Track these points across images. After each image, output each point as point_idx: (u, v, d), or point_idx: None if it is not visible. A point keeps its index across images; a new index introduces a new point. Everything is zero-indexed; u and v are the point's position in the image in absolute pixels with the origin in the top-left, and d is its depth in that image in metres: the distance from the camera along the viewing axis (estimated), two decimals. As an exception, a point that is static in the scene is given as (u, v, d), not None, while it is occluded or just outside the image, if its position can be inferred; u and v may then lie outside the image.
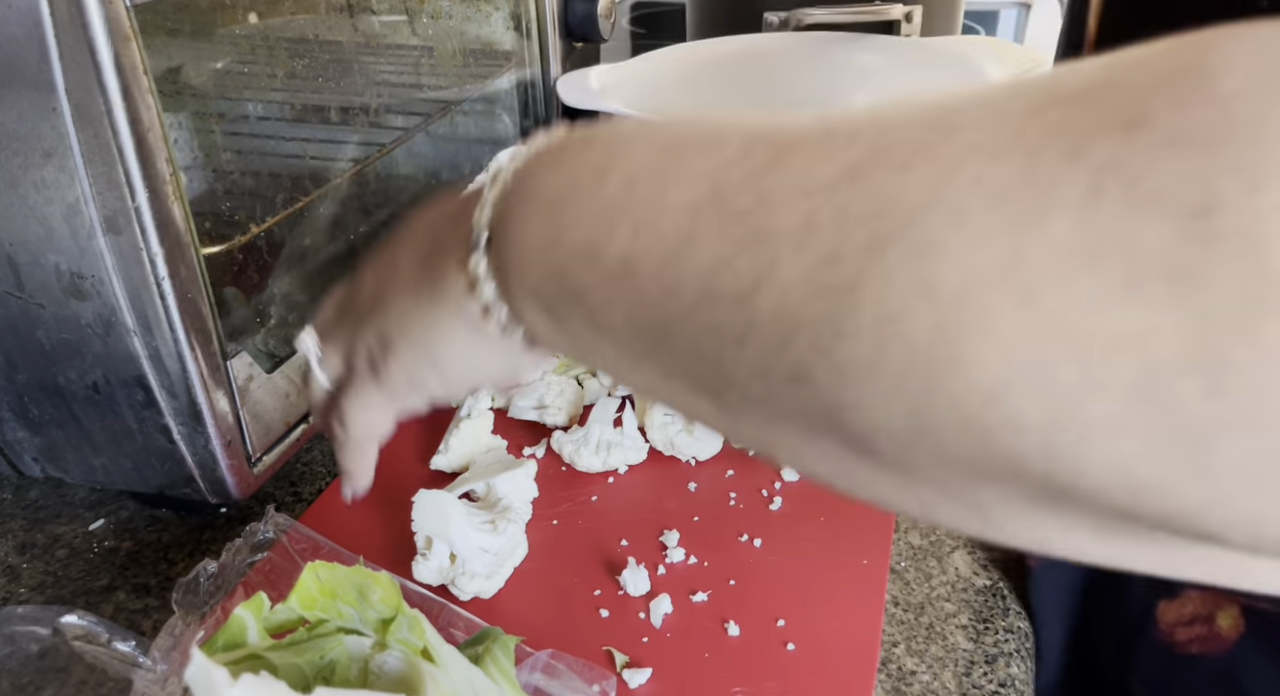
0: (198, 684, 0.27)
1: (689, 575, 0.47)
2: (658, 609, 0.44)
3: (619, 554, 0.48)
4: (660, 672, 0.41)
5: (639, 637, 0.43)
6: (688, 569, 0.47)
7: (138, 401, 0.44)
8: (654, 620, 0.44)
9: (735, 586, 0.46)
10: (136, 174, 0.38)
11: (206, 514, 0.53)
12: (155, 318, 0.41)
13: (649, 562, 0.47)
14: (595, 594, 0.46)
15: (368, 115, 0.58)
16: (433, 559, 0.45)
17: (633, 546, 0.49)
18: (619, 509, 0.51)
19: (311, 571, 0.34)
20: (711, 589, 0.46)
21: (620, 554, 0.48)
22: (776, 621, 0.44)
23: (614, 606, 0.45)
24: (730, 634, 0.43)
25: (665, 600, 0.45)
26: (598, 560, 0.48)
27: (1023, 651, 0.44)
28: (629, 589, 0.46)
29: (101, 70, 0.36)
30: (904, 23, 0.94)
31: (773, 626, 0.44)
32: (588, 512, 0.51)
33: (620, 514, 0.51)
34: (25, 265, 0.40)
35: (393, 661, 0.34)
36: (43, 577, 0.49)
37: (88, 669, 0.37)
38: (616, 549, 0.49)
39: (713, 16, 1.05)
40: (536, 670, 0.39)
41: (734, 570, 0.47)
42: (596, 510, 0.51)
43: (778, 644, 0.43)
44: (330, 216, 0.54)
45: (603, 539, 0.49)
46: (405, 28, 0.60)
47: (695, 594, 0.46)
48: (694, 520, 0.50)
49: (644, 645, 0.43)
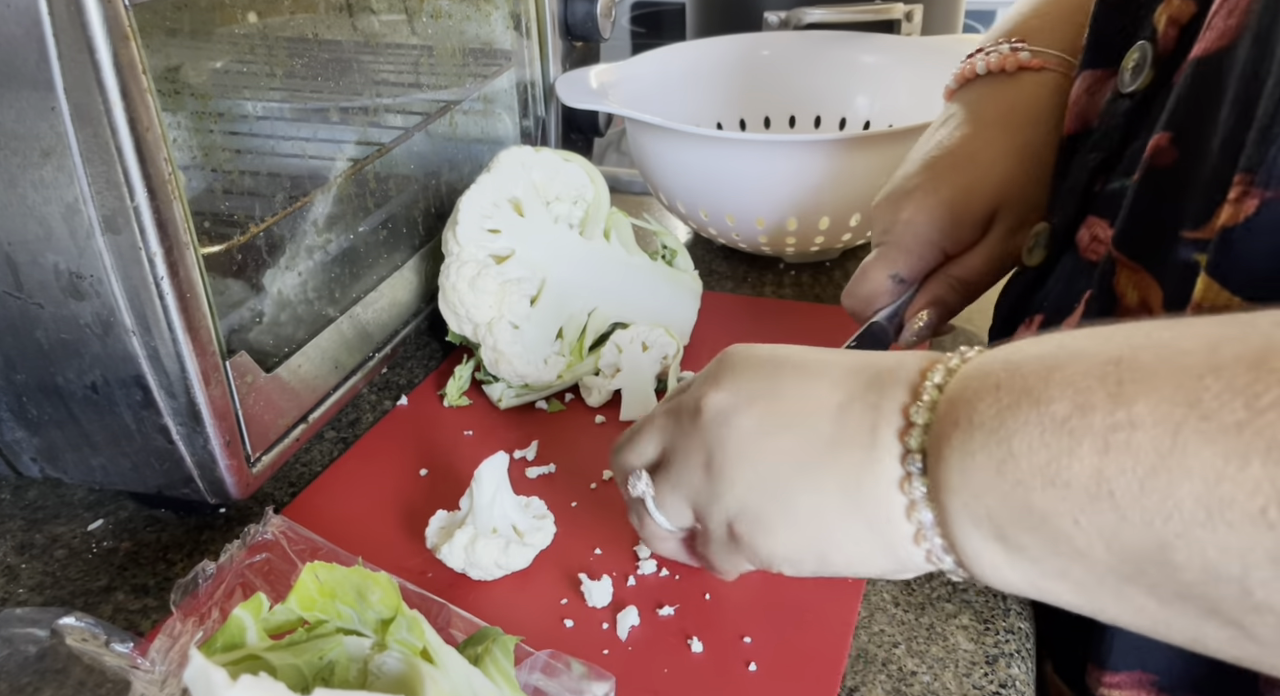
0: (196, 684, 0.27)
1: (659, 588, 0.46)
2: (624, 621, 0.43)
3: (591, 563, 0.48)
4: (619, 687, 0.40)
5: (600, 649, 0.43)
6: (659, 581, 0.46)
7: (136, 401, 0.43)
8: (620, 632, 0.43)
9: (708, 602, 0.45)
10: (135, 173, 0.38)
11: (205, 514, 0.53)
12: (154, 317, 0.41)
13: (620, 573, 0.47)
14: (562, 603, 0.45)
15: (367, 114, 0.58)
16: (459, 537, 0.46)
17: (606, 555, 0.48)
18: (596, 517, 0.51)
19: (310, 572, 0.34)
20: (680, 603, 0.45)
21: (593, 563, 0.48)
22: (742, 638, 0.43)
23: (580, 616, 0.45)
24: (694, 650, 0.42)
25: (632, 612, 0.44)
26: (569, 568, 0.47)
27: (1023, 652, 0.44)
28: (591, 601, 0.45)
29: (100, 69, 0.36)
30: (904, 22, 0.94)
31: (738, 644, 0.43)
32: (565, 519, 0.50)
33: (597, 522, 0.50)
34: (24, 265, 0.40)
35: (392, 662, 0.34)
36: (41, 578, 0.49)
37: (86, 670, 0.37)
38: (590, 557, 0.48)
39: (713, 16, 1.05)
40: (536, 670, 0.39)
41: (708, 584, 0.46)
42: (573, 516, 0.51)
43: (740, 662, 0.42)
44: (330, 216, 0.54)
45: (576, 547, 0.48)
46: (404, 27, 0.60)
47: (663, 607, 0.45)
48: None
49: (604, 657, 0.42)
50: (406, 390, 0.63)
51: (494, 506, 0.46)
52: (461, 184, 0.61)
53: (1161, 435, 0.23)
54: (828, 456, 0.33)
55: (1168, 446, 0.23)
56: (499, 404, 0.60)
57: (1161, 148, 0.37)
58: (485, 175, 0.60)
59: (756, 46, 0.89)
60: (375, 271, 0.59)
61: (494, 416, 0.60)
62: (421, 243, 0.63)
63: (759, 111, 0.89)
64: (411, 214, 0.62)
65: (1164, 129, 0.37)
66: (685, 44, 0.89)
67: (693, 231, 0.84)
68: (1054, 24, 0.54)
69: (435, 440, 0.58)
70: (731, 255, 0.80)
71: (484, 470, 0.46)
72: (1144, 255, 0.38)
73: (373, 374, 0.58)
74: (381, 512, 0.52)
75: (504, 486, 0.47)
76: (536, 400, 0.60)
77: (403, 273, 0.61)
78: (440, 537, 0.47)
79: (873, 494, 0.32)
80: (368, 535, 0.50)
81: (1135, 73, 0.42)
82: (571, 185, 0.62)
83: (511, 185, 0.60)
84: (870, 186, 0.67)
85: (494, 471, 0.46)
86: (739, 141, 0.71)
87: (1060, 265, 0.48)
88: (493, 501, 0.46)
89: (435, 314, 0.62)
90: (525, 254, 0.60)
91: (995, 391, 0.28)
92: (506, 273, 0.59)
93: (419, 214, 0.63)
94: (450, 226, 0.59)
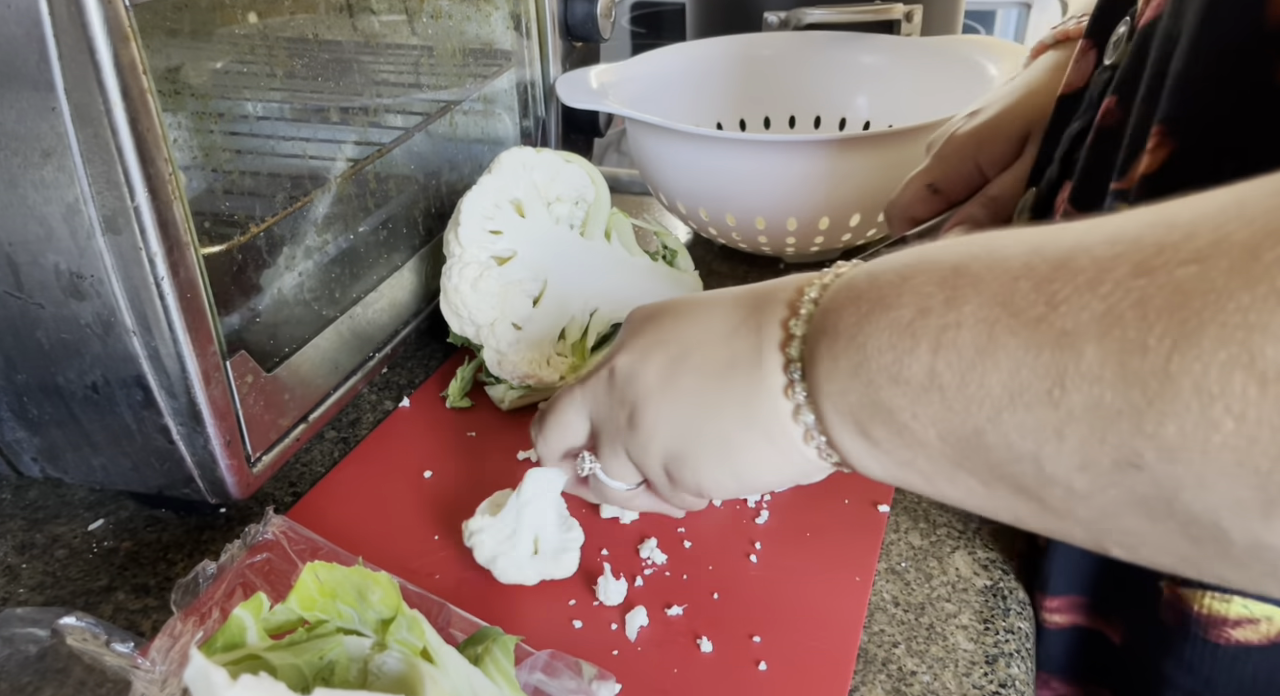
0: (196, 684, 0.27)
1: (667, 587, 0.46)
2: (633, 621, 0.43)
3: (598, 562, 0.47)
4: (628, 687, 0.40)
5: (609, 650, 0.43)
6: (665, 581, 0.46)
7: (137, 401, 0.44)
8: (629, 633, 0.43)
9: (717, 601, 0.45)
10: (136, 173, 0.38)
11: (206, 514, 0.53)
12: (154, 317, 0.41)
13: (628, 573, 0.47)
14: (570, 603, 0.45)
15: (367, 115, 0.58)
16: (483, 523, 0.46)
17: (612, 556, 0.48)
18: (602, 520, 0.50)
19: (311, 572, 0.34)
20: (688, 602, 0.45)
21: (599, 562, 0.47)
22: (752, 638, 0.43)
23: (588, 617, 0.45)
24: (703, 650, 0.42)
25: (641, 612, 0.44)
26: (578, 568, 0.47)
27: (1023, 651, 0.44)
28: (603, 599, 0.45)
29: (101, 70, 0.36)
30: (904, 22, 0.94)
31: (747, 643, 0.43)
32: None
33: (603, 522, 0.50)
34: (24, 265, 0.40)
35: (392, 662, 0.34)
36: (42, 578, 0.49)
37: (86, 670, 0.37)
38: (596, 557, 0.48)
39: (713, 16, 1.05)
40: (536, 670, 0.39)
41: (716, 584, 0.46)
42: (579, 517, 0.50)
43: (749, 662, 0.42)
44: (330, 216, 0.54)
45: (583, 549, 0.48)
46: (405, 27, 0.60)
47: (671, 607, 0.45)
48: (678, 531, 0.49)
49: (614, 658, 0.42)
50: (407, 390, 0.63)
51: (523, 512, 0.46)
52: (461, 184, 0.61)
53: (980, 332, 0.26)
54: (724, 381, 0.36)
55: (984, 342, 0.26)
56: (501, 405, 0.60)
57: (1109, 109, 0.41)
58: (486, 176, 0.60)
59: (756, 46, 0.89)
60: (375, 272, 0.59)
61: (497, 417, 0.60)
62: (421, 243, 0.63)
63: (759, 111, 0.89)
64: (411, 214, 0.62)
65: (1113, 92, 0.41)
66: (685, 44, 0.89)
67: (693, 231, 0.84)
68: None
69: (439, 442, 0.58)
70: (731, 255, 0.81)
71: (532, 474, 0.46)
72: (1089, 208, 0.41)
73: (373, 374, 0.58)
74: (387, 515, 0.52)
75: (546, 501, 0.46)
76: (539, 401, 0.60)
77: (403, 273, 0.61)
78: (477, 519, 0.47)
79: (765, 406, 0.35)
80: (373, 538, 0.50)
81: (1116, 46, 0.45)
82: (573, 186, 0.62)
83: (513, 186, 0.60)
84: (870, 186, 0.67)
85: (538, 480, 0.46)
86: (739, 141, 0.71)
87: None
88: (524, 507, 0.46)
89: (435, 314, 0.62)
90: (527, 255, 0.60)
91: (856, 301, 0.31)
92: (508, 274, 0.59)
93: (419, 214, 0.63)
94: (452, 228, 0.59)
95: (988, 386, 0.26)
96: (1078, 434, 0.24)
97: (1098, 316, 0.23)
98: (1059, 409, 0.24)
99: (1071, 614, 0.46)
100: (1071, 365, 0.24)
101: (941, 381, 0.27)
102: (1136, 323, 0.22)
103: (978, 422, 0.26)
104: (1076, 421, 0.24)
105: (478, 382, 0.62)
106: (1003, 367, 0.25)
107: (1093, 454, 0.24)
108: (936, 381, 0.27)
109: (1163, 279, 0.22)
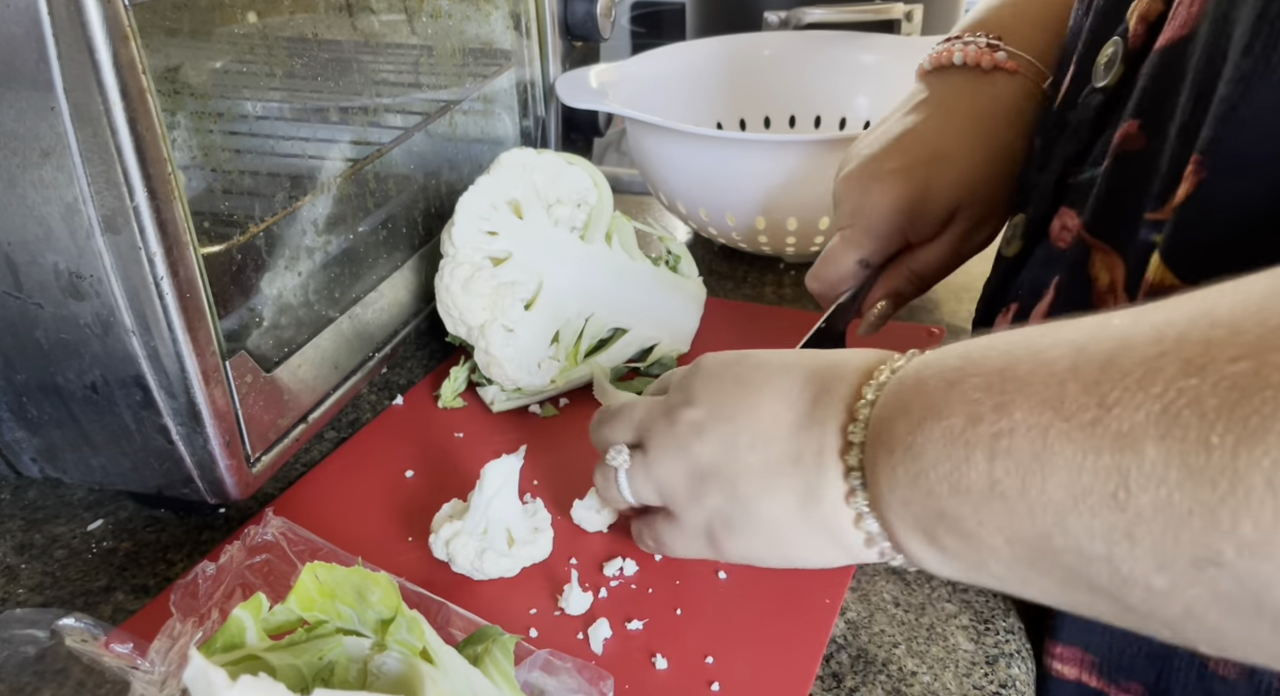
0: (196, 685, 0.27)
1: (631, 600, 0.45)
2: (597, 634, 0.43)
3: (564, 572, 0.47)
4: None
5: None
6: (630, 594, 0.46)
7: (136, 401, 0.43)
8: (594, 646, 0.43)
9: (679, 617, 0.44)
10: (135, 173, 0.38)
11: (205, 514, 0.53)
12: (154, 317, 0.41)
13: (593, 585, 0.46)
14: (531, 612, 0.45)
15: (367, 114, 0.58)
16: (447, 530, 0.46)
17: (580, 565, 0.47)
18: (574, 528, 0.50)
19: (310, 572, 0.34)
20: (649, 617, 0.44)
21: (566, 572, 0.47)
22: (705, 657, 0.42)
23: (546, 626, 0.44)
24: (658, 667, 0.42)
25: (604, 624, 0.43)
26: (541, 577, 0.47)
27: (1023, 652, 0.44)
28: (566, 608, 0.44)
29: (100, 69, 0.36)
30: (904, 22, 0.94)
31: (701, 663, 0.42)
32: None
33: (576, 533, 0.50)
34: (23, 265, 0.40)
35: (391, 662, 0.34)
36: (41, 578, 0.49)
37: (86, 670, 0.37)
38: (564, 566, 0.47)
39: (713, 16, 1.05)
40: (536, 669, 0.39)
41: (681, 599, 0.45)
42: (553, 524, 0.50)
43: (703, 682, 0.41)
44: (329, 216, 0.54)
45: (551, 556, 0.48)
46: (404, 27, 0.60)
47: (631, 621, 0.44)
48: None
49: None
50: (406, 391, 0.63)
51: (490, 507, 0.46)
52: (461, 184, 0.61)
53: (1034, 437, 0.26)
54: (786, 473, 0.37)
55: (1039, 447, 0.26)
56: (492, 406, 0.60)
57: (1130, 134, 0.40)
58: (485, 177, 0.60)
59: (756, 46, 0.89)
60: (375, 271, 0.59)
61: (487, 419, 0.59)
62: (421, 243, 0.63)
63: (759, 111, 0.89)
64: (411, 214, 0.62)
65: (1132, 116, 0.40)
66: (685, 44, 0.89)
67: (693, 231, 0.84)
68: (1029, 26, 0.56)
69: (425, 441, 0.58)
70: (731, 255, 0.80)
71: (490, 468, 0.46)
72: (1113, 237, 0.40)
73: (372, 374, 0.58)
74: (362, 514, 0.51)
75: (507, 489, 0.46)
76: (530, 404, 0.60)
77: (402, 273, 0.61)
78: (438, 524, 0.47)
79: (826, 507, 0.36)
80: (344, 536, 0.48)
81: (1107, 68, 0.44)
82: (575, 189, 0.62)
83: (511, 187, 0.60)
84: (870, 186, 0.67)
85: (499, 472, 0.46)
86: (739, 141, 0.71)
87: (1035, 255, 0.49)
88: (490, 501, 0.46)
89: (435, 314, 0.62)
90: (523, 257, 0.60)
91: (906, 410, 0.31)
92: (502, 275, 0.59)
93: (419, 214, 0.63)
94: (448, 227, 0.59)
95: (1049, 492, 0.26)
96: (1150, 534, 0.24)
97: (1154, 417, 0.23)
98: (1126, 511, 0.24)
99: (1077, 668, 0.43)
100: (1134, 466, 0.24)
101: (1002, 488, 0.27)
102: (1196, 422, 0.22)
103: (1044, 527, 0.26)
104: (1147, 522, 0.24)
105: (472, 383, 0.62)
106: (1061, 472, 0.25)
107: (1169, 553, 0.24)
108: (997, 489, 0.27)
109: (1214, 376, 0.22)
